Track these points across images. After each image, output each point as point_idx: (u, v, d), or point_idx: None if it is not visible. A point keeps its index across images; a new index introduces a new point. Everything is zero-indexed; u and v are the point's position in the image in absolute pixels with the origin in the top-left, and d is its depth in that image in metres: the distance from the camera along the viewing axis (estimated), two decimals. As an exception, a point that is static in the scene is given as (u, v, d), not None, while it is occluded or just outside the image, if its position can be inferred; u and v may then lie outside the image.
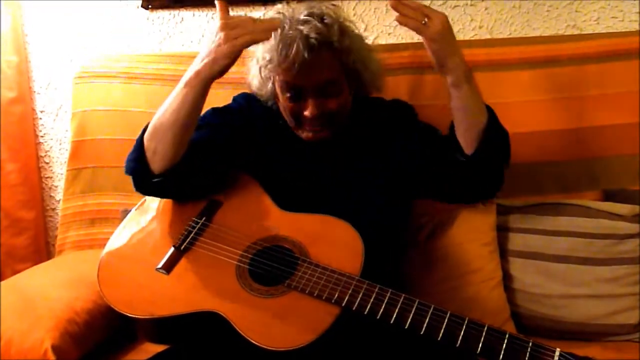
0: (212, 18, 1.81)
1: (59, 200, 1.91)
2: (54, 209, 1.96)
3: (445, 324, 0.96)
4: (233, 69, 1.62)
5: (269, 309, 1.05)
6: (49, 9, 1.87)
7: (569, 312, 1.39)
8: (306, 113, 1.22)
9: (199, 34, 1.83)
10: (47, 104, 1.93)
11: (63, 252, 1.73)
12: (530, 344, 0.92)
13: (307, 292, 1.05)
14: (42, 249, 1.93)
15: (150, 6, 1.83)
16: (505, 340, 0.92)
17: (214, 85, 1.65)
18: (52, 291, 1.34)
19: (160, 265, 1.16)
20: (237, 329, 1.02)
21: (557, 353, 0.90)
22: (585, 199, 1.50)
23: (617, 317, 1.39)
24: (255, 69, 1.30)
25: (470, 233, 1.44)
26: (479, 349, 0.93)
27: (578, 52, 1.56)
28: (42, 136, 1.94)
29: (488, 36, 1.70)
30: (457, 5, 1.70)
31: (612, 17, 1.65)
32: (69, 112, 1.81)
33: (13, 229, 1.86)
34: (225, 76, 1.63)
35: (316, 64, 1.18)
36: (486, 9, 1.69)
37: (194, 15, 1.82)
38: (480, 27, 1.70)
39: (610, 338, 1.39)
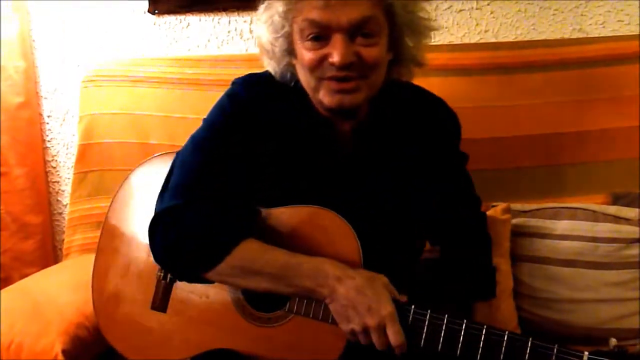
0: (218, 23, 1.82)
1: (65, 205, 1.91)
2: (60, 213, 1.96)
3: (462, 336, 0.90)
4: (248, 70, 1.66)
5: (278, 339, 1.02)
6: (55, 14, 1.88)
7: (575, 317, 1.40)
8: (333, 59, 0.95)
9: (204, 38, 1.83)
10: (54, 109, 1.93)
11: (69, 256, 1.73)
12: (555, 349, 0.87)
13: (310, 316, 0.99)
14: (49, 253, 1.94)
15: (156, 11, 1.83)
16: (529, 346, 0.87)
17: (207, 87, 1.68)
18: (61, 295, 1.35)
19: (153, 304, 1.11)
20: None
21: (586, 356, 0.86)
22: (592, 202, 1.50)
23: (623, 322, 1.39)
24: (267, 21, 1.04)
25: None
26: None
27: (584, 56, 1.56)
28: (49, 141, 1.95)
29: (494, 40, 1.70)
30: (463, 9, 1.70)
31: (618, 21, 1.65)
32: (76, 116, 1.81)
33: (20, 233, 1.86)
34: (219, 77, 1.67)
35: None
36: (492, 12, 1.70)
37: (200, 20, 1.83)
38: (485, 31, 1.71)
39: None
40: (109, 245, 1.19)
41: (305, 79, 1.02)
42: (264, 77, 1.11)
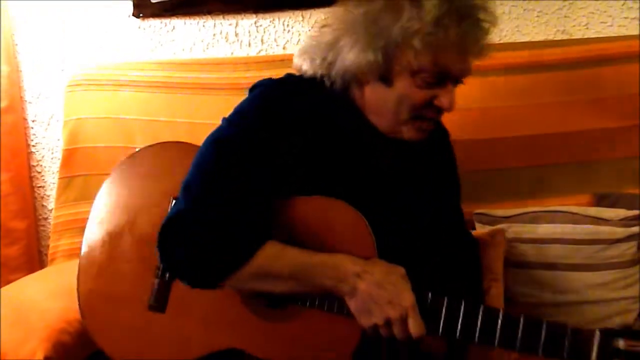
0: (204, 26, 1.81)
1: (51, 210, 1.90)
2: (46, 219, 1.95)
3: (480, 322, 0.90)
4: (233, 74, 1.65)
5: (290, 334, 0.98)
6: (39, 18, 1.87)
7: (561, 320, 1.38)
8: (444, 104, 1.00)
9: (190, 42, 1.83)
10: (39, 114, 1.92)
11: (55, 261, 1.72)
12: (569, 329, 0.88)
13: (325, 308, 0.96)
14: (34, 258, 1.92)
15: (141, 15, 1.83)
16: (544, 327, 0.89)
17: (192, 90, 1.69)
18: (44, 301, 1.33)
19: (151, 304, 1.05)
20: None
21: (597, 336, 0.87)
22: (576, 202, 1.51)
23: (609, 322, 1.40)
24: (369, 43, 0.99)
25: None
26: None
27: (568, 57, 1.57)
28: (33, 146, 1.94)
29: (478, 42, 1.71)
30: (447, 12, 1.71)
31: (601, 22, 1.65)
32: (60, 121, 1.81)
33: (5, 239, 1.84)
34: (205, 81, 1.67)
35: (478, 45, 1.00)
36: (476, 15, 1.70)
37: (185, 23, 1.83)
38: (470, 33, 1.71)
39: (604, 342, 1.40)
40: (97, 238, 1.13)
41: (394, 109, 1.02)
42: (291, 80, 1.10)
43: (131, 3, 1.81)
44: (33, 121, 1.93)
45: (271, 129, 1.01)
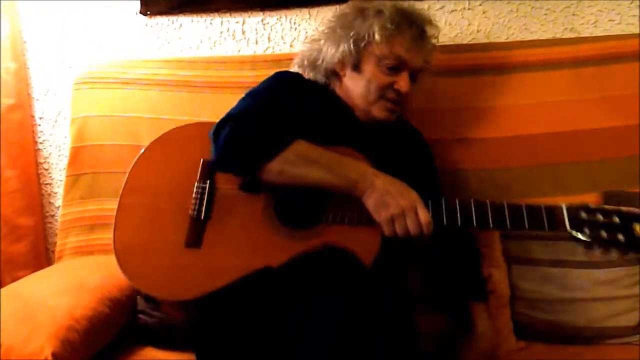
0: (211, 24, 1.82)
1: (58, 207, 1.91)
2: (53, 216, 1.95)
3: (473, 209, 1.09)
4: (240, 72, 1.68)
5: (320, 248, 1.12)
6: (47, 16, 1.88)
7: (568, 317, 1.40)
8: (401, 87, 1.28)
9: (197, 40, 1.83)
10: (46, 111, 1.93)
11: (62, 258, 1.73)
12: (543, 207, 1.07)
13: (346, 222, 1.14)
14: (41, 255, 1.93)
15: (148, 12, 1.83)
16: (524, 208, 1.07)
17: (199, 89, 1.70)
18: (52, 298, 1.33)
19: (187, 242, 1.18)
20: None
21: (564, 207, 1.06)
22: (585, 201, 1.50)
23: (616, 320, 1.40)
24: (344, 38, 1.31)
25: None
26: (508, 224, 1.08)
27: (576, 55, 1.57)
28: (41, 142, 1.94)
29: (486, 40, 1.70)
30: (455, 10, 1.70)
31: (610, 20, 1.65)
32: (68, 118, 1.81)
33: (12, 235, 1.85)
34: (212, 79, 1.68)
35: (424, 47, 1.32)
36: (484, 12, 1.70)
37: (192, 21, 1.83)
38: (478, 31, 1.71)
39: (610, 341, 1.39)
40: (133, 200, 1.26)
41: (364, 91, 1.31)
42: (295, 75, 1.37)
43: (138, 1, 1.82)
44: (40, 118, 1.93)
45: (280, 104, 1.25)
